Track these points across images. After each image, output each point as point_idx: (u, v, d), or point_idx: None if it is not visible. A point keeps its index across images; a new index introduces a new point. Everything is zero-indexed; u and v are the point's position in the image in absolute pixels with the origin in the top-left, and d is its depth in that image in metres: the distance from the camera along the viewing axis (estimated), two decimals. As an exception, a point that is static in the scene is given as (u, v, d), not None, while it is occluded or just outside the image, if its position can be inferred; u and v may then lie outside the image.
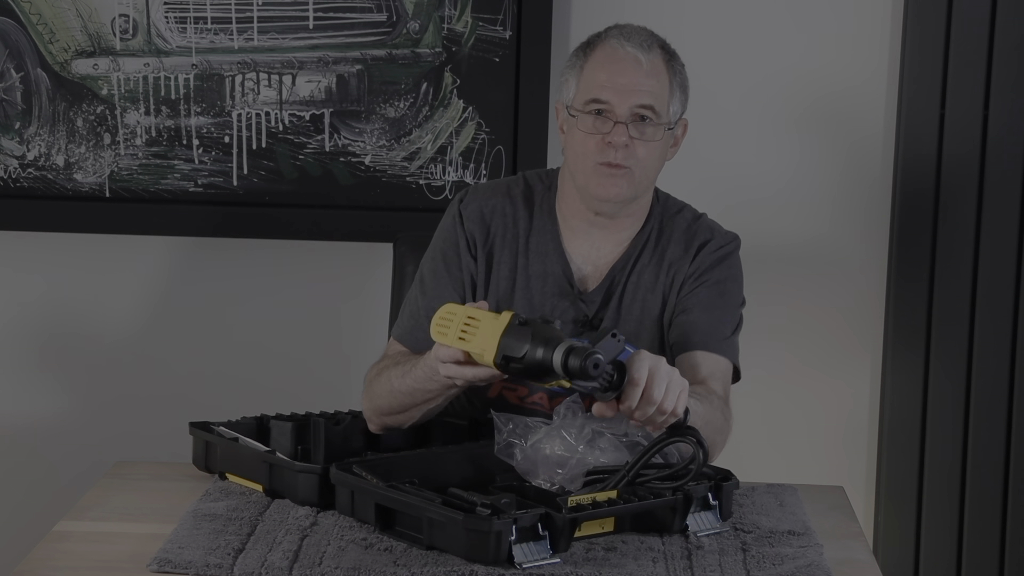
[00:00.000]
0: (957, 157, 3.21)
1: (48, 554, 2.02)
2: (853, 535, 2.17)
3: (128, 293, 3.39)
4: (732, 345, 2.44)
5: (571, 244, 2.46)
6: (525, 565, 1.92)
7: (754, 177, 3.30)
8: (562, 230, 2.46)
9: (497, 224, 2.47)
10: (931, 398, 3.28)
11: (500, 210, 2.47)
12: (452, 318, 2.11)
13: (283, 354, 3.39)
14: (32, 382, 3.43)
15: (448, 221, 2.50)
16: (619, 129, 2.33)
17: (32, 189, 3.30)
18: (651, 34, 2.41)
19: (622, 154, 2.34)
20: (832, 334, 3.34)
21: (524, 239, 2.46)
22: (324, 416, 2.37)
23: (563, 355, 1.99)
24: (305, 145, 3.27)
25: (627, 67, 2.35)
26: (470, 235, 2.46)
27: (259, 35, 3.24)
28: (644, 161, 2.37)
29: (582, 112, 2.36)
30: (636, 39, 2.37)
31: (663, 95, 2.37)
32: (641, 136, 2.35)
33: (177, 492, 2.27)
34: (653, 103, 2.35)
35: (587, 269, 2.45)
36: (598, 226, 2.44)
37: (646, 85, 2.35)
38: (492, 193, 2.50)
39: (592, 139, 2.35)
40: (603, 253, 2.46)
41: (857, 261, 3.32)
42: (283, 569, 1.94)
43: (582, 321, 2.43)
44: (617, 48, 2.36)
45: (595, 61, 2.38)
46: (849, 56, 3.25)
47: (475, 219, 2.47)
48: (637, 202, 2.43)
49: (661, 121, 2.36)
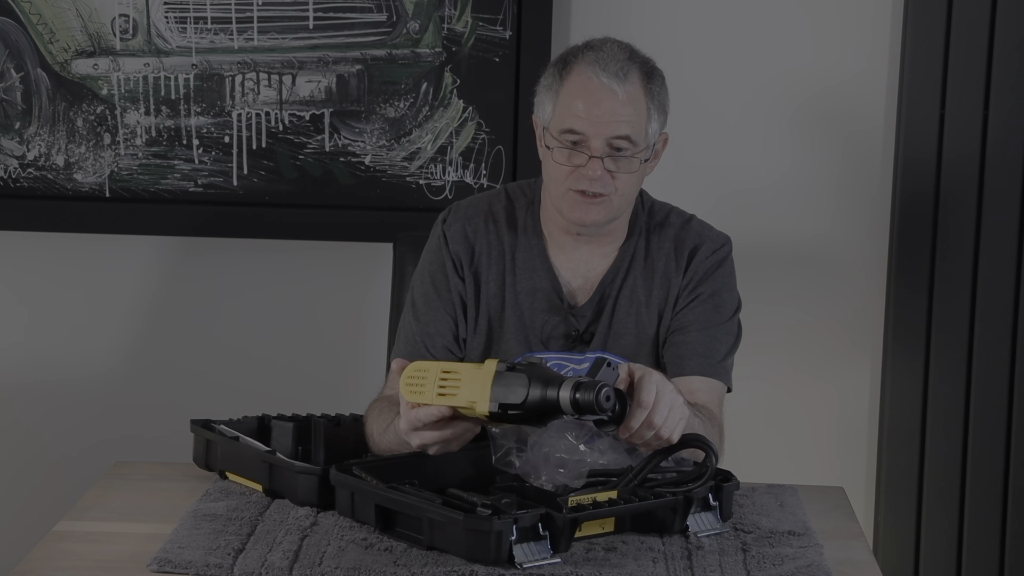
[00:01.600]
0: (957, 157, 3.21)
1: (48, 554, 2.02)
2: (853, 535, 2.17)
3: (128, 293, 3.39)
4: (726, 368, 2.43)
5: (558, 258, 2.44)
6: (525, 565, 1.92)
7: (754, 178, 3.30)
8: (548, 245, 2.45)
9: (481, 243, 2.45)
10: (931, 398, 3.28)
11: (483, 229, 2.46)
12: (425, 375, 2.05)
13: (283, 354, 3.39)
14: (32, 382, 3.43)
15: (433, 243, 2.49)
16: (594, 164, 2.30)
17: (32, 189, 3.30)
18: (629, 56, 2.34)
19: (598, 184, 2.31)
20: (832, 334, 3.34)
21: (510, 256, 2.45)
22: (325, 417, 2.37)
23: (571, 391, 1.96)
24: (305, 145, 3.27)
25: (603, 98, 2.30)
26: (455, 256, 2.45)
27: (259, 35, 3.24)
28: (622, 188, 2.34)
29: (557, 142, 2.33)
30: (612, 67, 2.30)
31: (640, 123, 2.32)
32: (617, 169, 2.31)
33: (177, 492, 2.27)
34: (630, 133, 2.31)
35: (576, 283, 2.44)
36: (583, 241, 2.43)
37: (622, 115, 2.30)
38: (474, 212, 2.48)
39: (566, 167, 2.33)
40: (591, 266, 2.44)
41: (857, 261, 3.32)
42: (283, 569, 1.94)
43: (573, 336, 2.42)
44: (592, 78, 2.30)
45: (571, 88, 2.33)
46: (849, 56, 3.25)
47: (459, 240, 2.45)
48: (620, 218, 2.41)
49: (638, 150, 2.32)
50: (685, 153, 3.27)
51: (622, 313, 2.42)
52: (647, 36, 3.19)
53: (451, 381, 2.04)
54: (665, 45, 3.25)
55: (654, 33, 3.22)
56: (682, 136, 3.12)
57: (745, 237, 2.55)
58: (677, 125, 3.26)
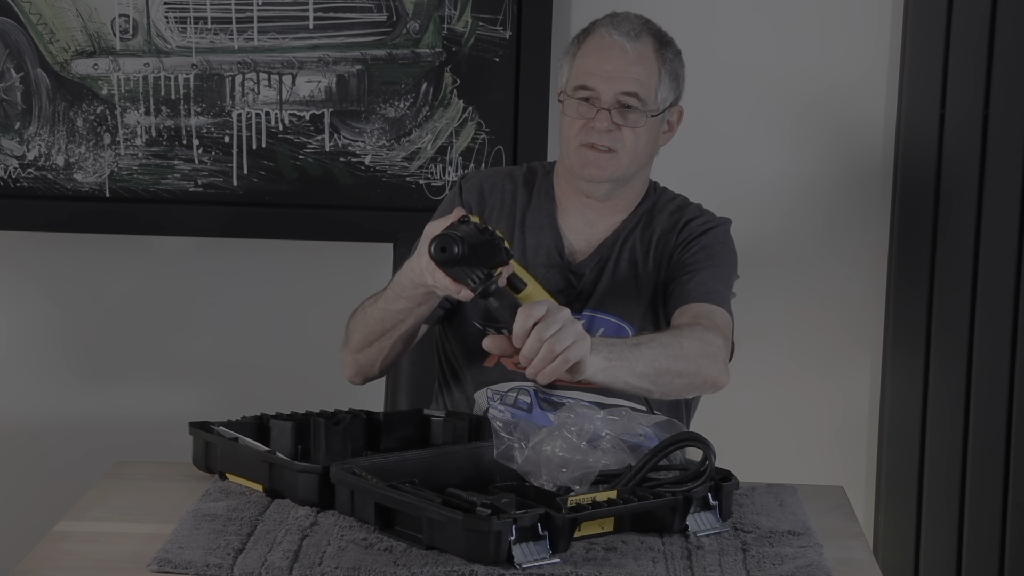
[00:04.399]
0: (957, 157, 3.21)
1: (48, 554, 2.02)
2: (853, 535, 2.17)
3: (128, 293, 3.39)
4: (726, 298, 2.45)
5: (565, 221, 2.53)
6: (525, 565, 1.92)
7: (755, 178, 3.30)
8: (558, 208, 2.54)
9: (495, 199, 2.55)
10: (931, 398, 3.28)
11: (500, 187, 2.56)
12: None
13: (283, 354, 3.39)
14: (32, 382, 3.43)
15: (449, 195, 2.62)
16: (602, 115, 2.41)
17: (32, 189, 3.30)
18: (644, 23, 2.47)
19: (607, 138, 2.41)
20: (832, 334, 3.34)
21: (521, 215, 2.54)
22: (324, 416, 2.37)
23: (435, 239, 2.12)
24: (305, 145, 3.27)
25: (613, 54, 2.42)
26: (467, 203, 2.55)
27: (259, 35, 3.24)
28: (631, 145, 2.43)
29: (570, 97, 2.44)
30: (625, 27, 2.43)
31: (650, 82, 2.42)
32: (625, 122, 2.41)
33: (177, 492, 2.26)
34: (638, 90, 2.41)
35: (579, 244, 2.52)
36: (591, 207, 2.51)
37: (631, 72, 2.41)
38: (494, 173, 2.61)
39: (578, 122, 2.43)
40: (596, 231, 2.53)
41: (857, 261, 3.32)
42: (283, 569, 1.94)
43: (567, 291, 2.48)
44: (605, 36, 2.43)
45: (586, 49, 2.45)
46: (849, 56, 3.25)
47: (474, 191, 2.56)
48: (629, 187, 2.50)
49: (647, 108, 2.42)
50: (687, 154, 3.27)
51: (620, 273, 2.50)
52: (647, 36, 3.20)
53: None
54: (665, 45, 3.25)
55: (654, 33, 3.22)
56: (684, 137, 3.12)
57: (746, 237, 2.56)
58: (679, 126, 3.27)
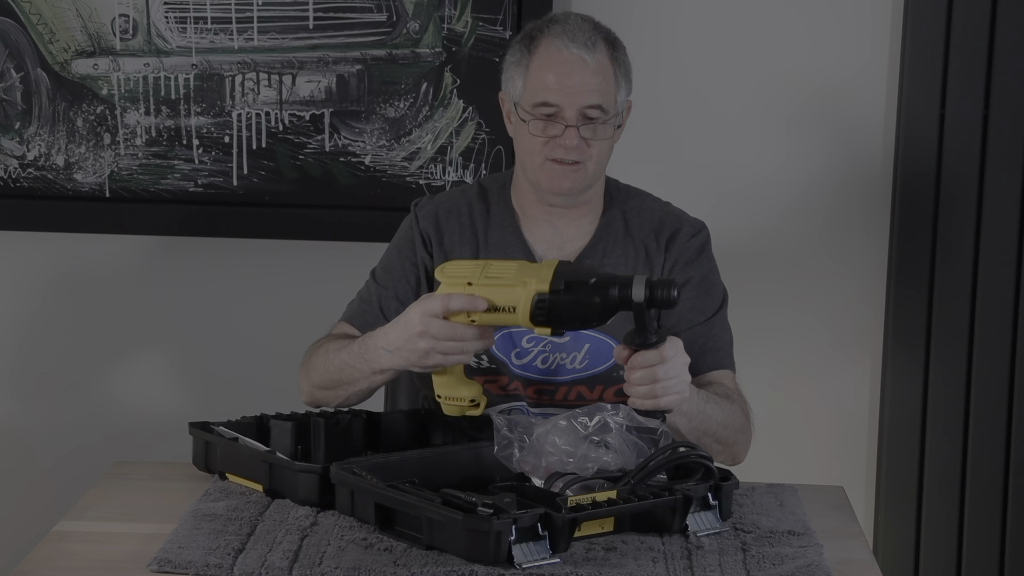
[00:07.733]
0: (957, 157, 3.21)
1: (48, 554, 2.02)
2: (853, 535, 2.17)
3: (128, 293, 3.39)
4: (731, 355, 2.50)
5: (532, 233, 2.48)
6: (525, 565, 1.92)
7: (755, 178, 3.30)
8: (521, 221, 2.49)
9: (453, 223, 2.49)
10: (931, 398, 3.28)
11: (455, 210, 2.51)
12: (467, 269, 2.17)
13: (283, 354, 3.37)
14: (32, 381, 3.43)
15: (404, 224, 2.55)
16: (571, 132, 2.35)
17: (32, 189, 3.30)
18: (594, 27, 2.40)
19: (574, 152, 2.36)
20: (832, 334, 3.34)
21: (483, 235, 2.49)
22: (324, 416, 2.37)
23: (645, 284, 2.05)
24: (305, 145, 3.27)
25: (574, 69, 2.35)
26: (425, 233, 2.50)
27: (259, 35, 3.24)
28: (597, 155, 2.39)
29: (531, 115, 2.37)
30: (580, 37, 2.36)
31: (610, 91, 2.38)
32: (592, 136, 2.37)
33: (177, 492, 2.26)
34: (601, 102, 2.36)
35: (551, 253, 2.47)
36: (557, 215, 2.47)
37: (593, 84, 2.35)
38: (447, 198, 2.54)
39: (541, 138, 2.38)
40: (568, 238, 2.48)
41: (857, 261, 3.32)
42: (283, 569, 1.94)
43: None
44: (562, 49, 2.36)
45: (541, 61, 2.37)
46: (849, 56, 3.25)
47: (430, 218, 2.50)
48: (592, 189, 2.46)
49: (609, 116, 2.38)
50: (685, 152, 3.27)
51: None
52: (647, 35, 3.21)
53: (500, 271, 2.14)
54: (665, 44, 3.26)
55: (654, 32, 3.22)
56: (682, 135, 3.12)
57: (745, 237, 2.55)
58: (677, 123, 3.27)
